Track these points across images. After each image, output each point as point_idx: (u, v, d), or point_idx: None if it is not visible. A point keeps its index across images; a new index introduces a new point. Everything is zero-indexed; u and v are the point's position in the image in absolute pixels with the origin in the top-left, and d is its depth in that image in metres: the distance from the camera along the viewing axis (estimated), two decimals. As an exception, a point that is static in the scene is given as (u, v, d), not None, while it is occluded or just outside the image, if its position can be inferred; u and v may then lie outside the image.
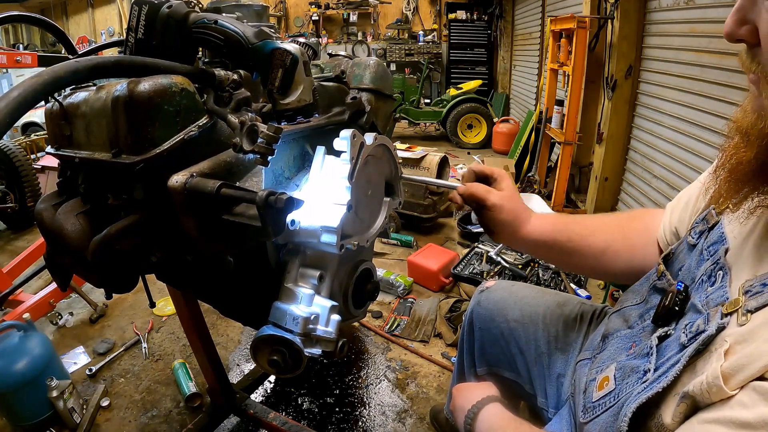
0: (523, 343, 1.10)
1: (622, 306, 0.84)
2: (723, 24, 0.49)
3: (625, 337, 0.77)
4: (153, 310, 2.46)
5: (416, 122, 6.73)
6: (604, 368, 0.73)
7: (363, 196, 0.86)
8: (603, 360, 0.76)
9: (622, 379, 0.66)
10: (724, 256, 0.60)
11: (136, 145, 0.68)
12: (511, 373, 1.15)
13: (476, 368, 1.23)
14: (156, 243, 0.76)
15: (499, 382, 1.18)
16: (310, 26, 8.51)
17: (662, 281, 0.73)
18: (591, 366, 0.79)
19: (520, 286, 1.28)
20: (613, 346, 0.78)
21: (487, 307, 1.20)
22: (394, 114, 5.67)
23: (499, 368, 1.17)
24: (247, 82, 0.78)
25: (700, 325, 0.56)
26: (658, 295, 0.72)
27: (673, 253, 0.75)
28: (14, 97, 0.52)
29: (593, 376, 0.75)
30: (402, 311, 2.42)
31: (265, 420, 1.60)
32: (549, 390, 1.05)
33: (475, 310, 1.22)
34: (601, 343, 0.83)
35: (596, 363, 0.78)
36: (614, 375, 0.68)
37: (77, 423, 1.70)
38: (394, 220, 3.37)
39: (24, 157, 3.54)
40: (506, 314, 1.14)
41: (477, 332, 1.21)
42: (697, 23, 2.45)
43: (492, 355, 1.18)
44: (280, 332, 0.76)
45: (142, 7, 0.78)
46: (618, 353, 0.73)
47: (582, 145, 3.81)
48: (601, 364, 0.76)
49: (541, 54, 5.42)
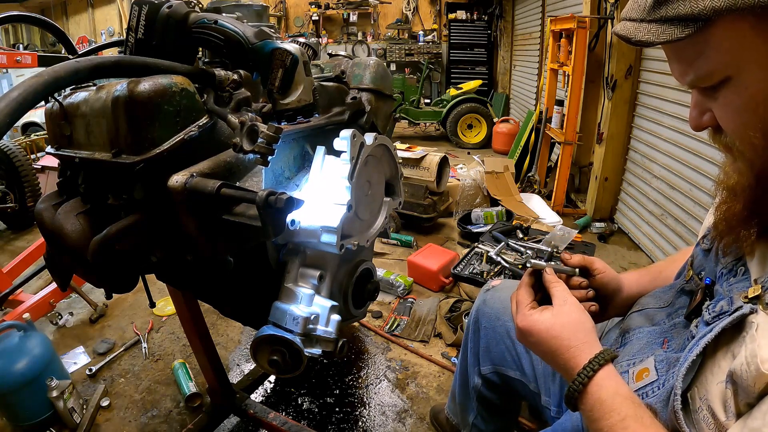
0: None
1: (643, 307, 0.84)
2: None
3: (652, 332, 0.77)
4: (153, 310, 2.46)
5: (416, 122, 6.73)
6: (638, 361, 0.74)
7: (363, 196, 0.86)
8: (632, 353, 0.77)
9: (666, 370, 0.67)
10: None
11: (136, 145, 0.68)
12: (517, 372, 1.15)
13: (480, 367, 1.23)
14: (156, 243, 0.76)
15: (504, 382, 1.20)
16: (310, 26, 8.51)
17: (690, 284, 0.74)
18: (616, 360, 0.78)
19: None
20: (639, 341, 0.78)
21: (493, 306, 1.20)
22: (394, 114, 5.68)
23: (504, 367, 1.17)
24: (247, 82, 0.78)
25: (723, 306, 0.58)
26: (686, 297, 0.74)
27: (694, 257, 0.77)
28: (14, 97, 0.52)
29: (624, 368, 0.75)
30: (402, 311, 2.42)
31: (265, 420, 1.60)
32: (552, 388, 1.05)
33: (481, 309, 1.22)
34: (621, 338, 0.84)
35: (623, 356, 0.78)
36: (655, 366, 0.70)
37: (77, 423, 1.70)
38: (394, 220, 3.37)
39: (24, 157, 3.54)
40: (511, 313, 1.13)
41: (482, 331, 1.21)
42: (697, 23, 2.45)
43: (497, 353, 1.18)
44: (280, 332, 0.76)
45: (142, 7, 0.78)
46: (650, 348, 0.74)
47: (582, 145, 3.81)
48: (632, 357, 0.76)
49: (541, 54, 5.42)
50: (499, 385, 1.22)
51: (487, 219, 3.29)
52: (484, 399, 1.27)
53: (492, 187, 3.69)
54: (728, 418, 0.54)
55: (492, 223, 3.18)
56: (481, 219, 3.31)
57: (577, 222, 3.50)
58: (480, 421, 1.31)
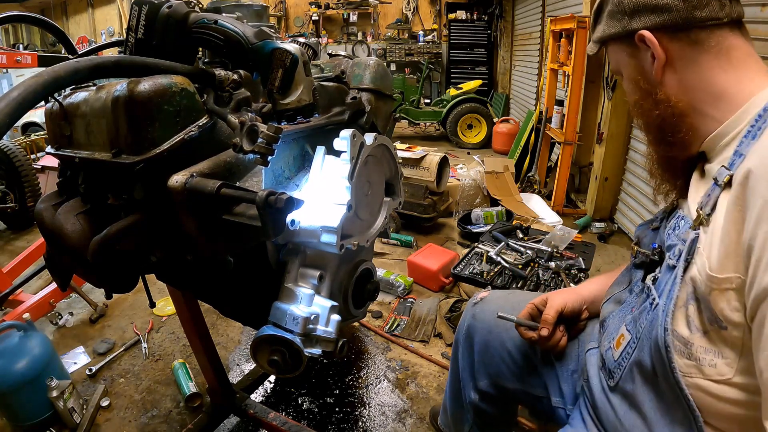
0: (529, 347, 1.08)
1: (611, 294, 0.96)
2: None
3: (622, 310, 0.87)
4: (153, 310, 2.46)
5: (416, 122, 6.73)
6: (616, 335, 0.83)
7: (363, 196, 0.86)
8: (610, 333, 0.86)
9: (634, 326, 0.77)
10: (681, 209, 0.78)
11: (136, 145, 0.68)
12: (516, 383, 1.12)
13: (477, 382, 1.19)
14: (156, 243, 0.76)
15: (502, 394, 1.17)
16: (310, 26, 8.50)
17: (639, 257, 0.87)
18: (600, 345, 0.89)
19: (515, 292, 1.27)
20: (614, 322, 0.88)
21: (484, 319, 1.17)
22: (394, 114, 5.68)
23: (502, 380, 1.14)
24: (247, 82, 0.78)
25: (680, 248, 0.70)
26: (640, 270, 0.86)
27: (639, 238, 0.91)
28: (14, 97, 0.52)
29: (607, 347, 0.85)
30: (402, 311, 2.42)
31: (265, 420, 1.60)
32: (565, 388, 1.03)
33: (471, 325, 1.19)
34: (600, 328, 0.93)
35: (605, 339, 0.88)
36: (627, 329, 0.80)
37: (77, 423, 1.70)
38: (394, 220, 3.37)
39: (24, 157, 3.54)
40: (506, 322, 1.10)
41: (476, 346, 1.17)
42: (697, 23, 2.45)
43: (494, 366, 1.14)
44: (280, 332, 0.76)
45: (142, 7, 0.78)
46: (622, 321, 0.84)
47: (582, 145, 3.81)
48: (610, 335, 0.86)
49: (541, 54, 5.42)
50: (497, 397, 1.19)
51: (487, 219, 3.29)
52: (481, 412, 1.23)
53: (492, 187, 3.69)
54: (692, 333, 0.66)
55: (492, 223, 3.18)
56: (481, 219, 3.31)
57: (577, 222, 3.51)
58: (477, 431, 1.29)
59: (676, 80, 0.71)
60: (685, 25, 0.67)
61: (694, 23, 0.67)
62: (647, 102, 0.74)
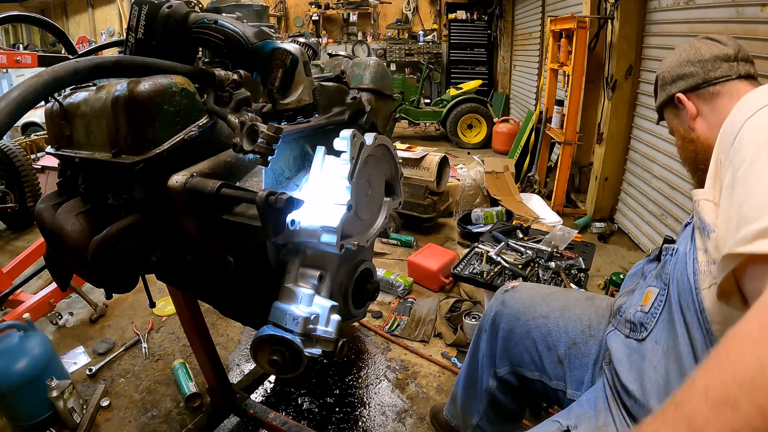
0: (553, 338, 1.13)
1: (624, 289, 1.07)
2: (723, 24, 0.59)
3: (641, 286, 0.97)
4: (153, 310, 2.46)
5: (416, 122, 6.72)
6: (642, 297, 0.92)
7: (363, 196, 0.86)
8: (636, 301, 0.94)
9: (659, 279, 0.88)
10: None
11: (136, 145, 0.68)
12: (536, 372, 1.17)
13: (497, 369, 1.24)
14: (156, 243, 0.76)
15: (520, 382, 1.22)
16: (310, 26, 8.50)
17: (651, 254, 1.01)
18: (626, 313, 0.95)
19: (544, 286, 1.36)
20: (636, 294, 0.97)
21: (513, 307, 1.22)
22: (394, 114, 5.67)
23: (522, 368, 1.19)
24: (247, 82, 0.78)
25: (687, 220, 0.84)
26: (654, 263, 0.98)
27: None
28: (14, 97, 0.52)
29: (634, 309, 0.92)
30: (402, 311, 2.42)
31: (265, 420, 1.60)
32: (586, 378, 1.07)
33: (500, 311, 1.24)
34: (618, 314, 0.99)
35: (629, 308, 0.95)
36: (653, 286, 0.90)
37: (77, 423, 1.70)
38: (394, 220, 3.37)
39: (24, 157, 3.54)
40: (534, 311, 1.18)
41: (501, 332, 1.23)
42: (696, 23, 2.45)
43: (516, 354, 1.20)
44: (280, 332, 0.76)
45: (142, 7, 0.78)
46: (645, 287, 0.94)
47: (582, 145, 3.81)
48: (635, 303, 0.94)
49: (541, 54, 5.42)
50: (514, 387, 1.24)
51: (487, 219, 3.29)
52: (496, 401, 1.28)
53: (492, 187, 3.69)
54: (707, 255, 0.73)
55: (492, 223, 3.18)
56: (481, 219, 3.31)
57: (577, 222, 3.51)
58: (485, 422, 1.31)
59: (704, 124, 0.91)
60: (704, 83, 0.90)
61: (710, 82, 0.90)
62: (687, 144, 0.94)
